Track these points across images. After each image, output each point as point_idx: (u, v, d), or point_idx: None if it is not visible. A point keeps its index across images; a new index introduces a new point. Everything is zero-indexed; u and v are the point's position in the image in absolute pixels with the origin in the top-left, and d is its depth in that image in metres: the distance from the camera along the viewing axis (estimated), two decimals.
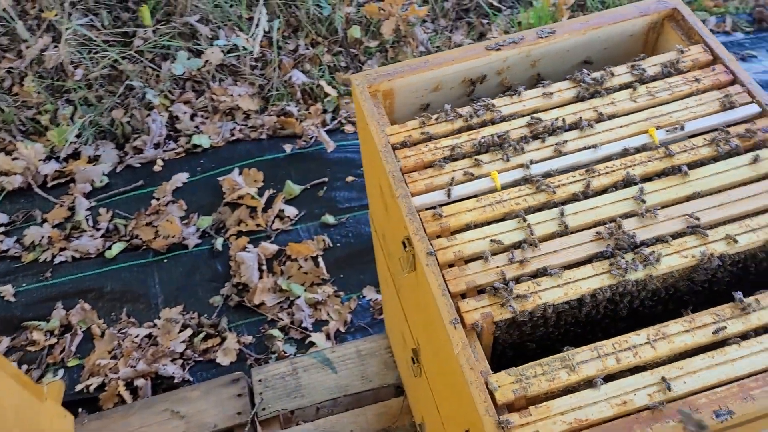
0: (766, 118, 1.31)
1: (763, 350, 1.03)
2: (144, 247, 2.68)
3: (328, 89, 3.16)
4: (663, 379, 1.00)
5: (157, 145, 2.94)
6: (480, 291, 1.14)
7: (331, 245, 2.70)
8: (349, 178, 2.89)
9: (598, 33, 1.50)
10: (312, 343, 2.44)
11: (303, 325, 2.49)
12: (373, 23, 3.37)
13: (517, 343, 1.18)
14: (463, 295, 1.14)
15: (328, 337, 2.47)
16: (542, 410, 0.99)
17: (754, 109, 1.32)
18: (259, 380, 2.21)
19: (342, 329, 2.50)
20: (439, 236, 1.21)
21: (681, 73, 1.40)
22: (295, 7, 3.36)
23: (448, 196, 1.25)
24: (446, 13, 3.50)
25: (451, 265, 1.17)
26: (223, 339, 2.46)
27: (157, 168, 2.89)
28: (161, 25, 3.16)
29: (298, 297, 2.54)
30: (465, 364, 1.04)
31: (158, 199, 2.79)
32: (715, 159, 1.27)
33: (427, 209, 1.24)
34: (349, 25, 3.36)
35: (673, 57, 1.42)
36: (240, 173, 2.85)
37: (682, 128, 1.30)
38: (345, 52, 3.34)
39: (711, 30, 3.35)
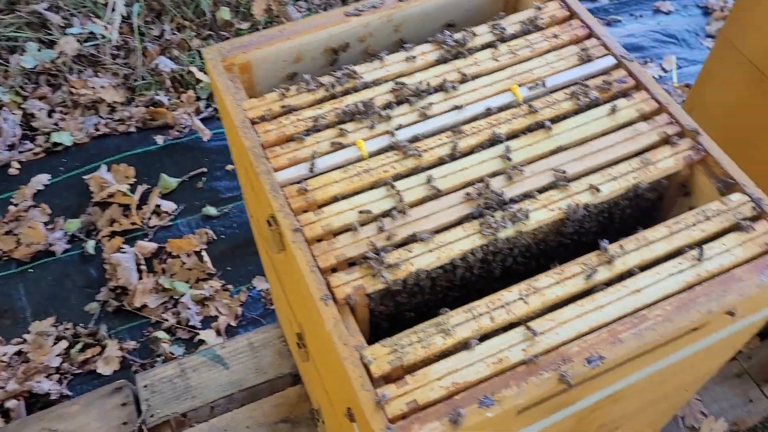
0: (622, 69, 1.33)
1: (629, 294, 1.04)
2: (5, 258, 2.45)
3: (200, 75, 3.01)
4: (527, 327, 0.99)
5: (11, 147, 2.69)
6: (351, 264, 1.09)
7: (215, 238, 2.58)
8: (230, 167, 2.77)
9: None
10: (202, 342, 2.33)
11: (190, 324, 2.36)
12: (243, 4, 3.24)
13: (395, 314, 1.15)
14: (334, 270, 1.08)
15: (218, 333, 2.36)
16: (419, 378, 0.95)
17: (610, 61, 1.34)
18: (145, 386, 2.08)
19: (233, 323, 2.40)
20: (305, 211, 1.15)
21: (540, 30, 1.40)
22: None
23: (312, 169, 1.19)
24: None
25: (319, 240, 1.11)
26: (104, 347, 2.30)
27: (13, 171, 2.64)
28: (5, 15, 2.89)
29: (183, 295, 2.41)
30: (338, 340, 0.99)
31: (17, 205, 2.55)
32: (576, 112, 1.27)
33: (291, 184, 1.18)
34: (217, 7, 3.22)
35: (531, 14, 1.41)
36: (108, 170, 2.67)
37: (544, 84, 1.30)
38: (215, 36, 3.19)
39: None
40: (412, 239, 1.11)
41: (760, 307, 1.12)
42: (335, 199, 1.16)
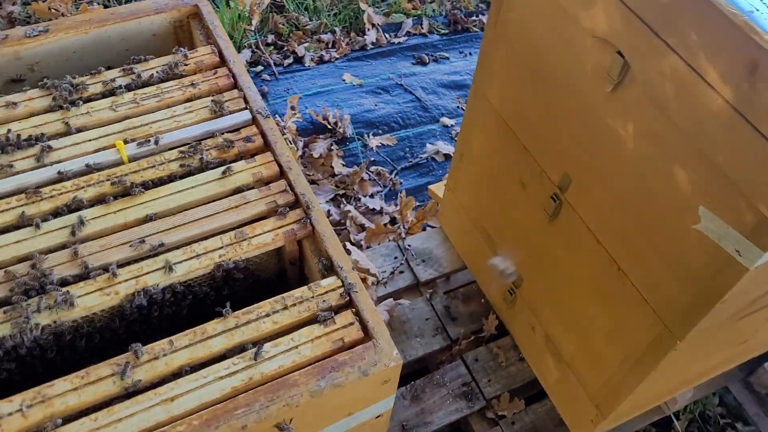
0: (253, 127, 1.18)
1: (159, 403, 0.86)
2: None
3: None
4: None
5: None
6: None
7: None
8: None
9: (108, 31, 1.30)
10: None
11: None
12: None
13: None
14: None
15: None
16: None
17: (246, 116, 1.19)
18: None
19: None
20: None
21: (178, 78, 1.23)
22: None
23: None
24: None
25: None
26: None
27: None
28: None
29: None
30: None
31: None
32: (183, 175, 1.11)
33: None
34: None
35: (174, 59, 1.25)
36: None
37: (157, 141, 1.13)
38: None
39: (408, 32, 3.38)
40: None
41: (330, 417, 0.96)
42: None
